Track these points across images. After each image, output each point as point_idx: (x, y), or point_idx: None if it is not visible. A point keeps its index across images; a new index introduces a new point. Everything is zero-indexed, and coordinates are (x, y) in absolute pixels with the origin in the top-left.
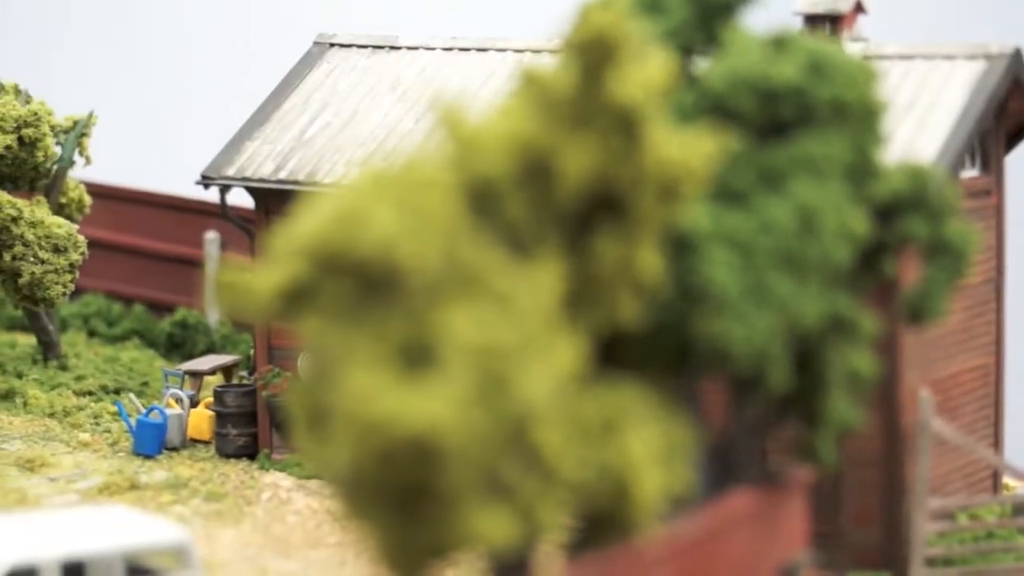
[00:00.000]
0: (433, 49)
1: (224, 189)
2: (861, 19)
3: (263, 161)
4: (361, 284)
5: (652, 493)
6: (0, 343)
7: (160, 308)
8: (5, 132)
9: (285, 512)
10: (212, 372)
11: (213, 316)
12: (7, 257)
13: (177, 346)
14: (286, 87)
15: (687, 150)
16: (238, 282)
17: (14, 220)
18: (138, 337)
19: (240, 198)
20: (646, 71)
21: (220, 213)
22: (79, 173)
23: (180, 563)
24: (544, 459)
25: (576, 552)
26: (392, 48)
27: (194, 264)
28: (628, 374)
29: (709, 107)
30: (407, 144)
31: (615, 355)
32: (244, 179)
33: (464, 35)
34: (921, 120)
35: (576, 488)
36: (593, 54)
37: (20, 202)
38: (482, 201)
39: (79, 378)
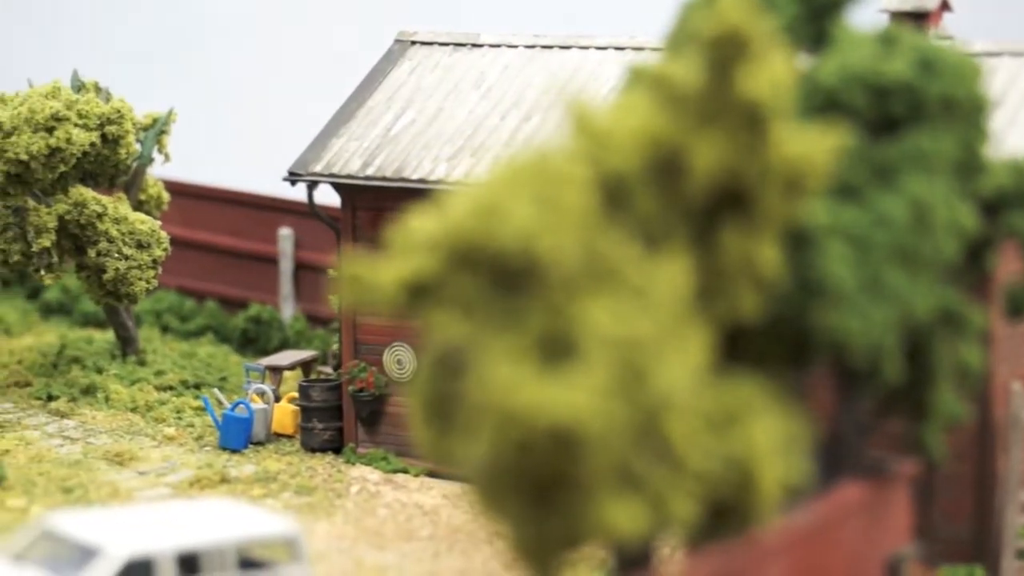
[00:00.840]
0: (515, 47)
1: (311, 186)
2: (947, 16)
3: (350, 157)
4: (498, 277)
5: (775, 484)
6: (77, 339)
7: (232, 304)
8: (89, 129)
9: (375, 505)
10: (291, 367)
11: (287, 311)
12: (92, 253)
13: (251, 341)
14: (370, 84)
15: (810, 145)
16: (363, 275)
17: (99, 216)
18: (211, 333)
19: (319, 195)
20: (773, 67)
21: (308, 209)
22: (156, 170)
23: (290, 556)
24: (674, 449)
25: (696, 543)
26: (474, 46)
27: (267, 260)
28: (746, 366)
29: (821, 103)
30: (494, 141)
31: (734, 348)
32: (331, 175)
33: (544, 32)
34: (1012, 116)
35: (702, 479)
36: (725, 50)
37: (105, 199)
38: (614, 196)
39: (158, 373)
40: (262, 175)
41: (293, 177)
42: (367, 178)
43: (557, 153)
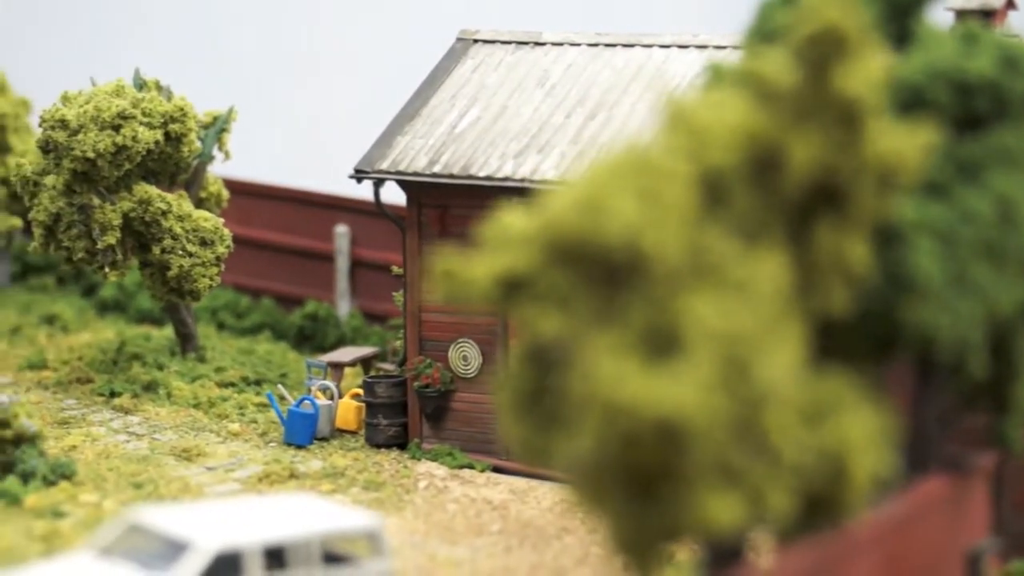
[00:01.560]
0: (578, 45)
1: (378, 183)
2: (1012, 15)
3: (416, 155)
4: (601, 273)
5: (866, 476)
6: (135, 336)
7: (288, 301)
8: (153, 127)
9: (443, 500)
10: (353, 363)
11: (343, 308)
12: (156, 250)
13: (307, 338)
14: (433, 82)
15: (902, 142)
16: (457, 271)
17: (164, 214)
18: (267, 330)
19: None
20: (868, 64)
21: (364, 207)
22: (215, 168)
23: (372, 550)
24: (772, 443)
25: (788, 536)
26: (536, 44)
27: (323, 258)
28: (835, 361)
29: (906, 100)
30: (560, 139)
31: (824, 342)
32: (398, 173)
33: (607, 31)
34: None
35: (797, 472)
36: (821, 47)
37: (170, 196)
38: (713, 191)
39: (218, 370)
40: (318, 173)
41: (359, 175)
42: (433, 175)
43: (657, 149)
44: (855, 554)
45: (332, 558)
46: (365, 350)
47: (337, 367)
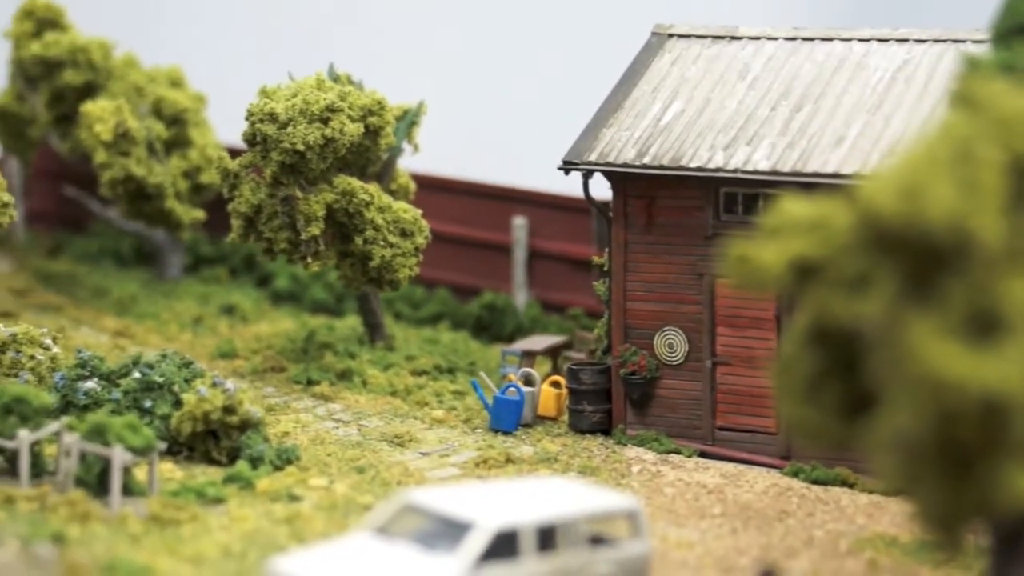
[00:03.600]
0: (775, 39)
1: (587, 174)
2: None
3: (623, 147)
4: (918, 257)
5: None
6: (318, 326)
7: (463, 292)
8: (354, 120)
9: (660, 484)
10: (545, 352)
11: (520, 298)
12: (358, 241)
13: (484, 328)
14: (632, 76)
15: None
16: (749, 256)
17: (366, 205)
18: (443, 320)
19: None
20: None
21: (542, 199)
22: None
23: (631, 531)
24: None
25: None
26: (733, 38)
27: (500, 249)
28: None
29: None
30: (767, 130)
31: None
32: (607, 164)
33: (804, 25)
34: None
35: None
36: None
37: (371, 188)
38: (1021, 177)
39: (409, 358)
40: (495, 165)
41: (568, 166)
42: (643, 166)
43: (970, 137)
44: None
45: (593, 539)
46: (556, 339)
47: (530, 355)
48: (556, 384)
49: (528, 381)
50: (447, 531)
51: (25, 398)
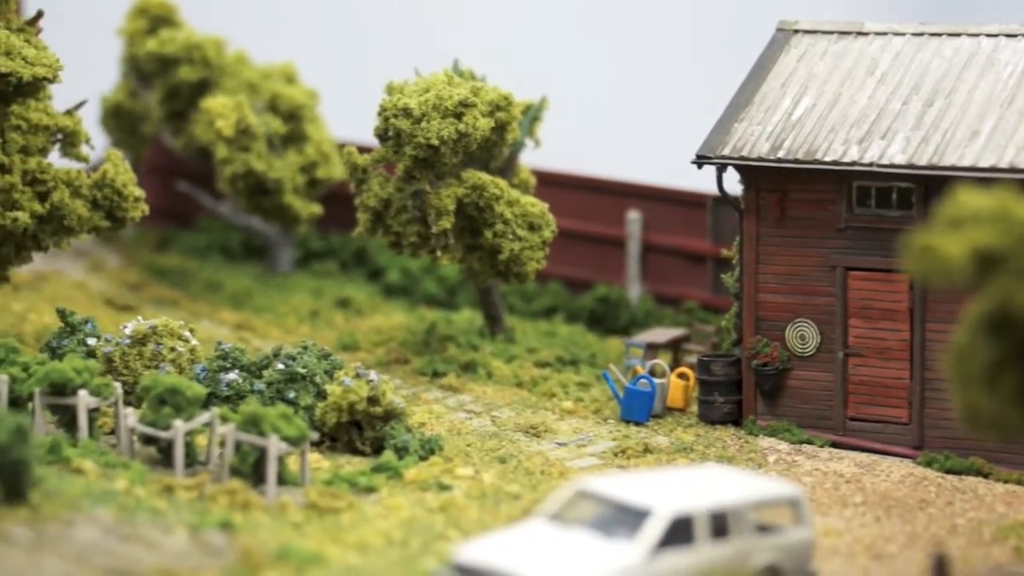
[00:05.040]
0: (902, 35)
1: (720, 168)
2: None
3: (756, 141)
4: None
5: None
6: (436, 318)
7: (575, 285)
8: (484, 115)
9: (797, 474)
10: (667, 345)
11: (634, 292)
12: (488, 235)
13: (598, 321)
14: (760, 71)
15: None
16: (935, 246)
17: (496, 199)
18: (557, 313)
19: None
20: None
21: (655, 194)
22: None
23: (795, 518)
24: None
25: None
26: (859, 34)
27: (613, 243)
28: None
29: None
30: (900, 125)
31: None
32: (740, 158)
33: (931, 21)
34: None
35: None
36: None
37: (501, 182)
38: None
39: (531, 351)
40: (607, 159)
41: (701, 160)
42: (778, 160)
43: None
44: None
45: (760, 526)
46: (677, 331)
47: (653, 348)
48: (683, 376)
49: (657, 373)
50: (624, 517)
51: (179, 389)
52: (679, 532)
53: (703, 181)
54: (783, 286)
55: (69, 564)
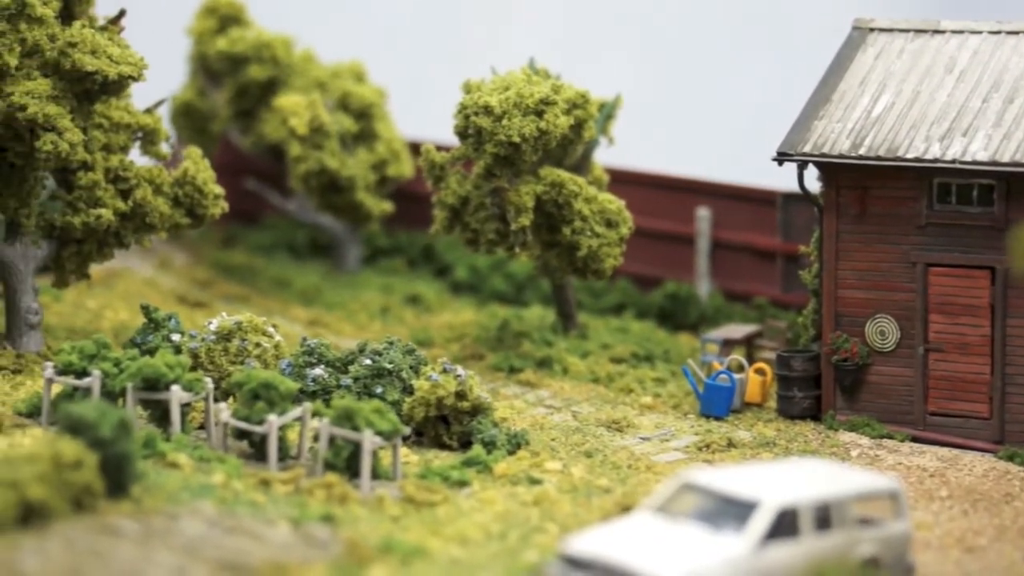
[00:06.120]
0: (979, 32)
1: (802, 165)
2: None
3: (836, 138)
4: None
5: None
6: (508, 315)
7: (643, 282)
8: (563, 113)
9: (880, 468)
10: (742, 341)
11: (703, 288)
12: (567, 232)
13: (667, 317)
14: (837, 69)
15: None
16: None
17: (575, 196)
18: (627, 309)
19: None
20: None
21: (725, 191)
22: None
23: (893, 511)
24: None
25: None
26: (935, 32)
27: (682, 240)
28: None
29: None
30: (982, 122)
31: None
32: (822, 155)
33: (1010, 19)
34: None
35: None
36: None
37: (579, 179)
38: None
39: (605, 347)
40: (676, 156)
41: (782, 157)
42: (859, 158)
43: None
44: None
45: (861, 519)
46: (750, 327)
47: (729, 343)
48: (761, 371)
49: (733, 368)
50: (730, 510)
51: (272, 384)
52: (785, 524)
53: (773, 178)
54: (863, 282)
55: (180, 557)
